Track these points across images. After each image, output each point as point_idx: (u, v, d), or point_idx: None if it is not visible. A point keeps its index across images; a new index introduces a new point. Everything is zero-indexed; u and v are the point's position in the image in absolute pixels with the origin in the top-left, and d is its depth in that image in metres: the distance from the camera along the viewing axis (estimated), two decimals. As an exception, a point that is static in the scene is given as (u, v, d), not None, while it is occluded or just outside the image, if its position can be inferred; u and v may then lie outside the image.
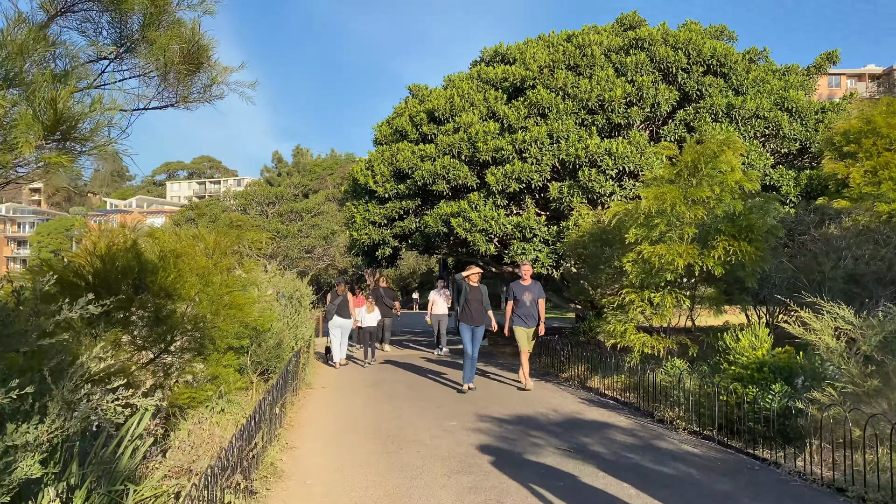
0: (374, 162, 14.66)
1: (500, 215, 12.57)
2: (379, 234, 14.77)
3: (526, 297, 9.42)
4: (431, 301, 14.69)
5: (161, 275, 6.92)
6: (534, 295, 9.45)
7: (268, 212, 31.18)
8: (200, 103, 3.35)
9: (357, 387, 10.04)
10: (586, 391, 9.26)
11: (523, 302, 9.42)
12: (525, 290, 9.48)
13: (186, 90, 3.16)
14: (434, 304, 14.60)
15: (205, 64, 2.98)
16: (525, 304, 9.41)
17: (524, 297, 9.42)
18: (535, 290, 9.51)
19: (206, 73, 3.05)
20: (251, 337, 7.88)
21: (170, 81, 3.03)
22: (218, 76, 3.09)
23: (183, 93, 3.19)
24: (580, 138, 12.32)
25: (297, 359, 8.83)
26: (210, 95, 3.24)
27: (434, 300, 14.65)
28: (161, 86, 3.02)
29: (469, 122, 13.39)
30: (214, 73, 3.06)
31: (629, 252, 8.51)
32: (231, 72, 3.11)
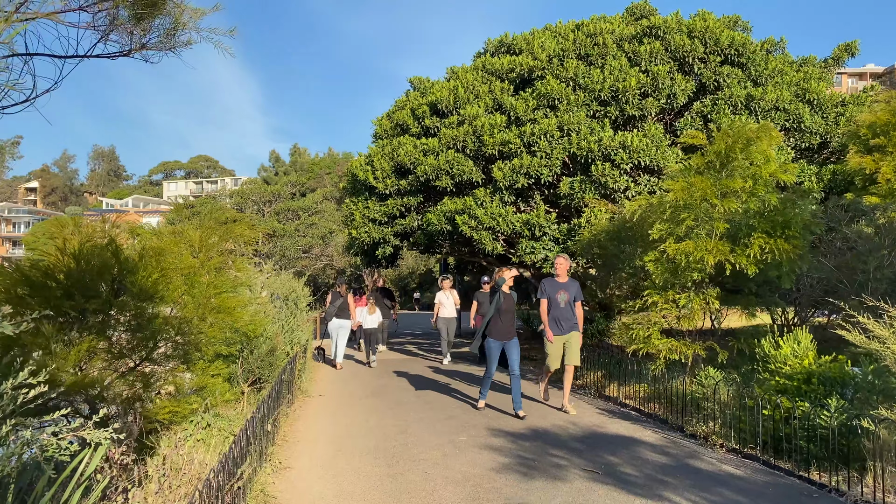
0: (374, 157, 14.00)
1: (507, 212, 11.91)
2: (379, 233, 14.10)
3: (560, 296, 7.88)
4: (438, 303, 13.00)
5: (141, 275, 6.27)
6: (570, 295, 7.90)
7: (264, 210, 30.48)
8: (162, 52, 2.67)
9: (357, 396, 9.38)
10: (604, 401, 8.60)
11: (556, 302, 7.88)
12: (559, 289, 7.90)
13: (143, 34, 2.49)
14: (441, 306, 12.93)
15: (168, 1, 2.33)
16: (559, 305, 7.87)
17: (558, 297, 7.88)
18: (573, 290, 7.96)
19: (170, 15, 2.41)
20: (242, 343, 7.21)
21: (121, 22, 2.37)
22: (184, 17, 2.43)
23: (139, 38, 2.52)
24: (592, 131, 11.67)
25: (292, 366, 8.17)
26: (174, 42, 2.58)
27: (440, 302, 12.97)
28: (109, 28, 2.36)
29: (474, 115, 12.74)
30: (180, 13, 2.40)
31: (652, 250, 7.86)
32: (203, 15, 2.46)
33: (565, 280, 8.02)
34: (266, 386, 7.60)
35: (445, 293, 13.00)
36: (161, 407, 5.57)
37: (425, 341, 18.77)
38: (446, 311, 12.90)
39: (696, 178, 7.21)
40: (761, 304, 8.28)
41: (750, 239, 7.18)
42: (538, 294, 8.10)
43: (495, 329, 7.89)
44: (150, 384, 5.95)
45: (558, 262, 8.08)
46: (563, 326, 7.87)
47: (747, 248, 7.16)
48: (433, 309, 13.58)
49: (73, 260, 5.95)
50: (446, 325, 12.95)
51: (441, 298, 13.00)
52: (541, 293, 8.04)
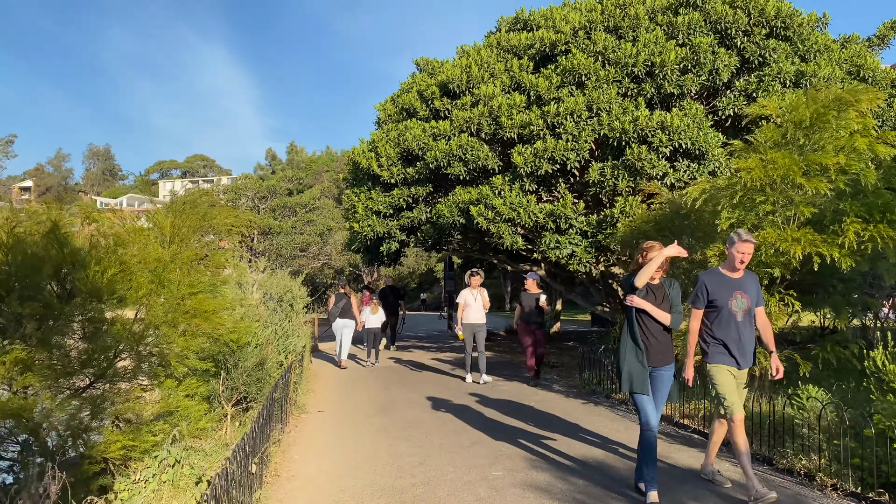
0: (379, 142, 12.69)
1: (529, 202, 10.60)
2: (384, 226, 12.79)
3: (737, 302, 4.62)
4: (462, 305, 10.20)
5: (94, 269, 4.95)
6: (750, 300, 4.66)
7: (259, 207, 29.14)
8: None
9: (362, 412, 8.07)
10: (655, 419, 7.29)
11: (730, 313, 4.62)
12: (735, 289, 4.65)
13: None
14: (466, 308, 10.21)
15: None
16: (734, 316, 4.62)
17: (732, 305, 4.62)
18: (752, 290, 4.71)
19: None
20: (225, 355, 5.90)
21: None
22: None
23: None
24: (625, 110, 10.37)
25: (286, 379, 6.86)
26: None
27: (466, 303, 10.18)
28: None
29: (490, 94, 11.43)
30: None
31: (715, 242, 6.57)
32: None
33: (740, 274, 4.70)
34: (254, 406, 6.30)
35: (473, 292, 10.29)
36: (111, 441, 4.26)
37: (432, 345, 17.47)
38: (474, 314, 10.20)
39: (776, 152, 5.90)
40: (849, 305, 6.98)
41: (841, 226, 5.90)
42: (692, 300, 4.78)
43: (652, 351, 4.67)
44: (100, 410, 4.64)
45: (742, 246, 4.56)
46: (742, 354, 4.65)
47: (838, 236, 5.87)
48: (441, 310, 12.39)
49: (1, 252, 4.64)
50: (473, 332, 10.25)
51: (467, 298, 10.23)
52: (698, 297, 4.75)
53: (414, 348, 16.53)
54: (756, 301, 4.73)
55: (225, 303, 5.52)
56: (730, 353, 4.65)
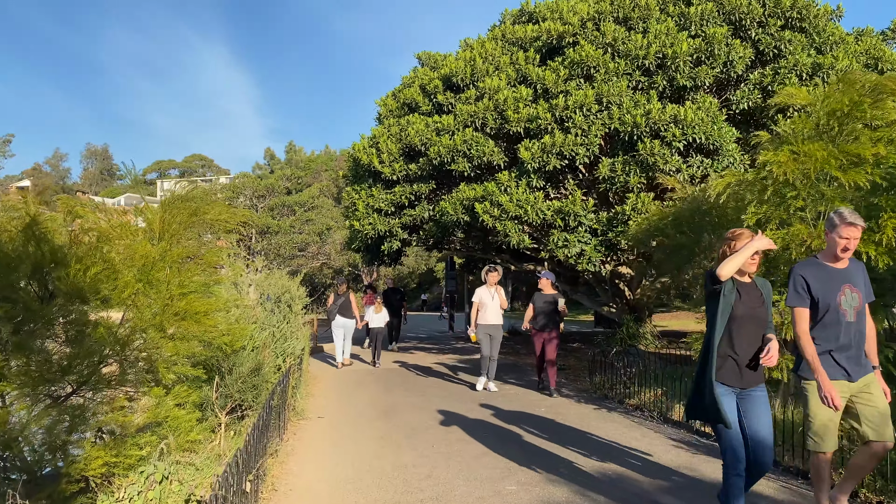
0: (380, 138, 12.30)
1: (537, 199, 10.22)
2: (385, 225, 12.40)
3: (846, 299, 3.78)
4: (477, 304, 9.19)
5: (75, 268, 4.57)
6: (861, 294, 3.83)
7: (257, 206, 28.72)
8: None
9: (364, 417, 7.68)
10: (674, 427, 6.91)
11: (838, 313, 3.75)
12: (843, 282, 3.80)
13: None
14: (482, 309, 9.14)
15: None
16: (843, 317, 3.76)
17: (841, 301, 3.77)
18: (861, 282, 3.87)
19: None
20: (218, 360, 5.51)
21: None
22: None
23: None
24: (636, 103, 9.99)
25: (283, 385, 6.48)
26: None
27: (482, 303, 9.15)
28: None
29: (495, 88, 11.05)
30: None
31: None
32: None
33: (846, 264, 3.85)
34: (250, 414, 5.91)
35: (489, 290, 9.22)
36: (91, 458, 3.87)
37: (433, 346, 17.08)
38: (490, 315, 9.13)
39: (810, 145, 5.52)
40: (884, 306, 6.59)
41: (878, 222, 5.52)
42: (792, 299, 3.82)
43: (745, 367, 3.70)
44: (80, 421, 4.25)
45: (848, 228, 3.71)
46: (853, 362, 3.75)
47: (874, 232, 5.49)
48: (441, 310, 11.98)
49: (-28, 248, 4.26)
50: (489, 335, 9.12)
51: (482, 297, 9.18)
52: (799, 294, 3.81)
53: (415, 350, 16.15)
54: (866, 296, 3.83)
55: (218, 304, 5.13)
56: (837, 363, 3.70)
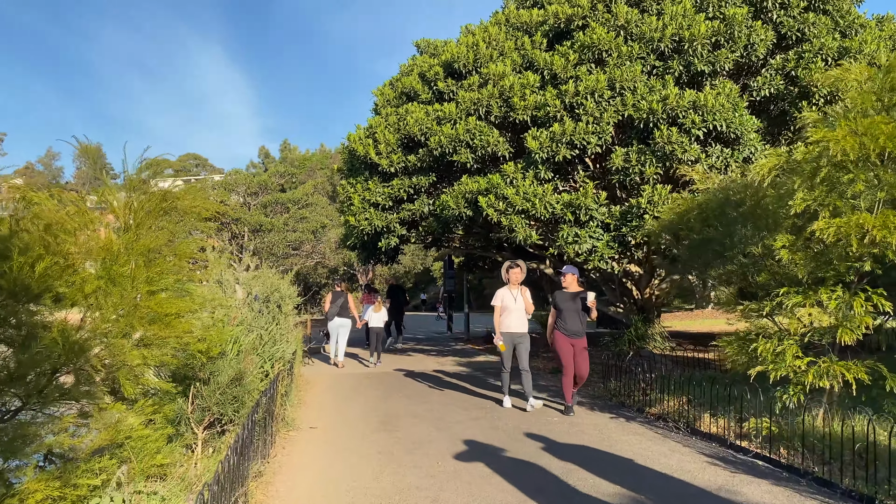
0: (377, 128, 11.61)
1: (545, 191, 9.54)
2: (382, 220, 11.71)
3: None
4: (500, 308, 7.81)
5: (19, 261, 3.89)
6: None
7: (250, 204, 27.97)
8: None
9: (361, 428, 7.00)
10: (704, 440, 6.24)
11: None
12: None
13: None
14: (504, 313, 7.80)
15: None
16: None
17: None
18: None
19: None
20: (194, 368, 4.82)
21: None
22: None
23: None
24: (651, 89, 9.33)
25: (271, 392, 5.79)
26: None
27: (504, 306, 7.79)
28: None
29: (500, 74, 10.38)
30: None
31: (783, 231, 5.54)
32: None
33: None
34: (231, 429, 5.22)
35: (512, 291, 7.86)
36: (28, 492, 3.17)
37: (432, 348, 16.41)
38: (514, 320, 7.75)
39: (870, 120, 4.86)
40: None
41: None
42: None
43: None
44: (24, 442, 3.56)
45: None
46: None
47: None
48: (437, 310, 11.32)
49: None
50: (515, 342, 7.78)
51: (505, 299, 7.81)
52: None
53: (414, 351, 15.47)
54: None
55: (193, 304, 4.45)
56: None
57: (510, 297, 7.87)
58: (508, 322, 7.80)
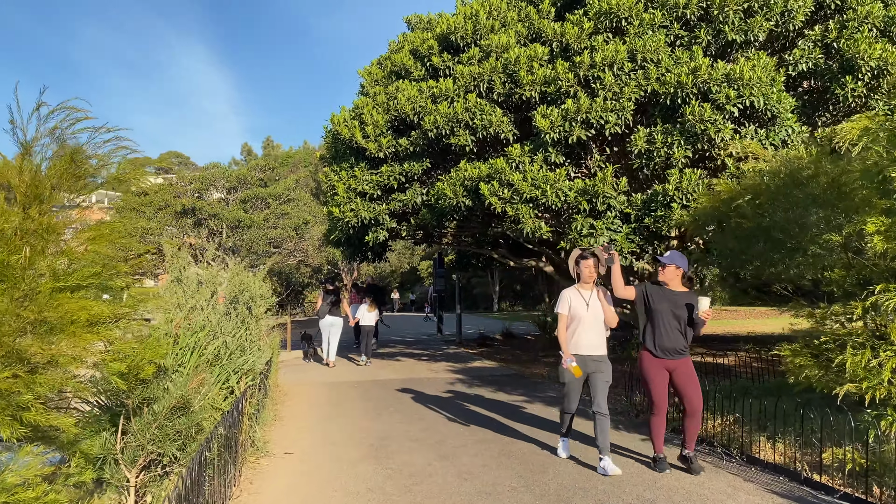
0: (364, 108, 10.39)
1: (557, 177, 8.39)
2: (370, 211, 10.48)
3: None
4: (568, 316, 5.36)
5: None
6: None
7: (229, 199, 26.55)
8: None
9: (346, 454, 5.79)
10: (766, 472, 5.09)
11: None
12: None
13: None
14: (574, 323, 5.33)
15: None
16: None
17: None
18: None
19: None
20: (120, 395, 3.59)
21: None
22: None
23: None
24: (677, 61, 8.22)
25: (234, 417, 4.58)
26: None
27: (574, 314, 5.33)
28: None
29: (503, 45, 9.22)
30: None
31: (874, 214, 4.41)
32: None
33: None
34: (177, 469, 4.00)
35: (583, 292, 5.36)
36: None
37: (422, 352, 15.20)
38: (589, 336, 5.28)
39: None
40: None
41: None
42: None
43: None
44: None
45: None
46: None
47: None
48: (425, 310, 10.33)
49: None
50: (586, 370, 5.27)
51: (574, 305, 5.32)
52: None
53: (402, 356, 14.26)
54: None
55: (116, 308, 3.24)
56: None
57: (580, 301, 5.29)
58: (579, 338, 5.26)
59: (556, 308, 5.45)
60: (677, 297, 5.16)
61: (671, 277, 5.26)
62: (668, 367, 5.13)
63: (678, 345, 5.11)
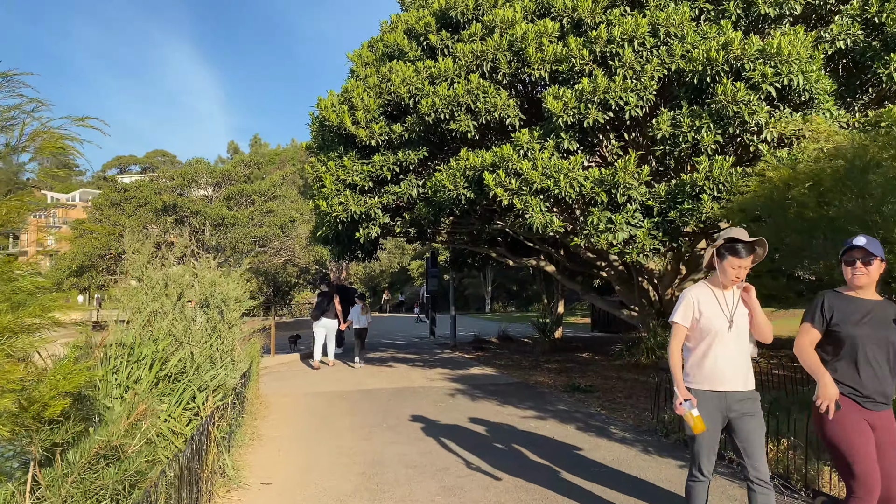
0: (354, 92, 9.46)
1: (572, 165, 7.51)
2: (361, 205, 9.55)
3: None
4: (688, 331, 3.44)
5: None
6: None
7: (212, 197, 25.44)
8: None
9: (334, 484, 4.88)
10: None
11: None
12: None
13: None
14: (709, 342, 3.37)
15: None
16: None
17: None
18: None
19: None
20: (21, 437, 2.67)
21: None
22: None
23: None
24: (704, 36, 7.38)
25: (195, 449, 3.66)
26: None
27: (705, 325, 3.38)
28: None
29: (509, 20, 8.34)
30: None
31: None
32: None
33: None
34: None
35: (719, 295, 3.42)
36: None
37: (415, 356, 14.28)
38: (731, 360, 3.34)
39: None
40: None
41: None
42: None
43: None
44: None
45: None
46: None
47: None
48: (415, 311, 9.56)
49: None
50: (727, 414, 3.34)
51: (707, 314, 3.37)
52: None
53: (394, 361, 13.34)
54: None
55: (18, 319, 2.31)
56: None
57: (715, 307, 3.38)
58: (715, 365, 3.35)
59: (673, 315, 3.46)
60: (880, 312, 3.27)
61: (864, 278, 3.25)
62: (871, 419, 3.25)
63: (888, 387, 3.27)
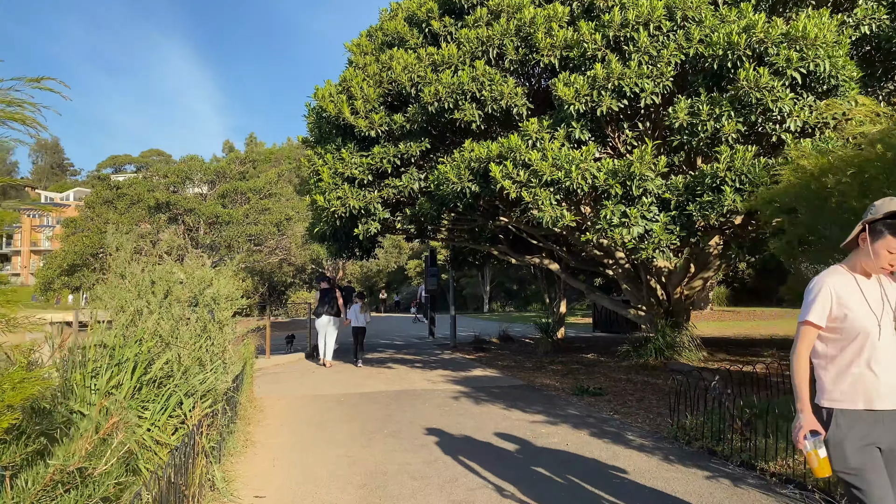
0: (352, 81, 9.04)
1: (585, 156, 7.11)
2: (360, 200, 9.12)
3: None
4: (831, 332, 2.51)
5: None
6: None
7: (207, 194, 24.99)
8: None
9: (336, 499, 4.47)
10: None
11: None
12: None
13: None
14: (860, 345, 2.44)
15: None
16: None
17: None
18: None
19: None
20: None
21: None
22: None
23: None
24: (724, 19, 6.98)
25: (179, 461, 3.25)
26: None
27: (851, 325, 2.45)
28: None
29: (517, 4, 7.93)
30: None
31: None
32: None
33: None
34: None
35: (863, 285, 2.48)
36: None
37: (415, 357, 13.87)
38: (887, 362, 2.41)
39: None
40: None
41: None
42: None
43: None
44: None
45: None
46: None
47: None
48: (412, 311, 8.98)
49: None
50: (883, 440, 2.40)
51: (851, 304, 2.45)
52: None
53: (393, 362, 12.93)
54: None
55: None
56: None
57: (861, 302, 2.47)
58: (863, 376, 2.45)
59: (806, 313, 2.54)
60: None
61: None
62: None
63: None
